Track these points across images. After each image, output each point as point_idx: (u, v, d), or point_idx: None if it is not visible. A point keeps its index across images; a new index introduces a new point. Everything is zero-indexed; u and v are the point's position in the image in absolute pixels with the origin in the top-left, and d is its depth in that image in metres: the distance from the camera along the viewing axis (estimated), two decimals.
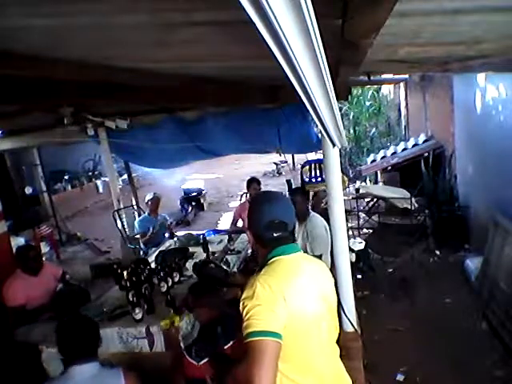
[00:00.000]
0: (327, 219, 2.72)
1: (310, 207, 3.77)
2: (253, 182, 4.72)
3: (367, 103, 11.46)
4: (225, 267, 3.18)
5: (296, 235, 3.52)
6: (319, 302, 1.44)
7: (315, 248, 3.30)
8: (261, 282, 1.33)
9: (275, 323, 1.25)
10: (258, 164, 15.09)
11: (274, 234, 1.45)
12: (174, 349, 2.34)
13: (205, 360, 2.01)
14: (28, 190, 8.22)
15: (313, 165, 7.46)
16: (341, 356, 1.59)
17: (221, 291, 2.32)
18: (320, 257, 3.29)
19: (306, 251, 3.33)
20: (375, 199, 6.79)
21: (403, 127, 10.26)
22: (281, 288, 1.32)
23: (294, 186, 7.88)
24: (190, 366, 2.03)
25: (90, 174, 12.05)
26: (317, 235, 3.32)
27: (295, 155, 11.25)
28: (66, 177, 11.02)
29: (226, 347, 2.03)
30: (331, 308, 1.53)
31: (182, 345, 2.48)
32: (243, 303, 1.31)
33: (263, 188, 5.19)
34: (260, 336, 1.22)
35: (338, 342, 1.59)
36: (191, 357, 2.04)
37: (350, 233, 6.09)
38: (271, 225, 1.45)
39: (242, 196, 7.30)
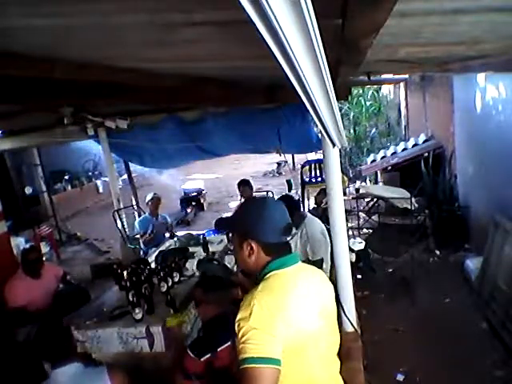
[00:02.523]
0: (327, 219, 2.72)
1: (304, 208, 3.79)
2: (245, 186, 4.74)
3: (367, 103, 11.46)
4: (230, 264, 3.19)
5: (294, 240, 3.54)
6: (319, 316, 1.36)
7: (316, 252, 3.31)
8: (258, 300, 1.23)
9: (273, 348, 1.17)
10: (258, 164, 15.09)
11: (287, 238, 1.38)
12: (178, 348, 2.34)
13: (206, 356, 2.02)
14: (28, 190, 8.22)
15: (313, 165, 7.47)
16: (340, 356, 1.57)
17: (229, 290, 2.32)
18: (322, 261, 3.30)
19: (306, 254, 3.35)
20: (375, 199, 6.79)
21: (403, 127, 10.27)
22: (279, 307, 1.24)
23: (293, 186, 7.89)
24: (191, 362, 2.04)
25: (90, 173, 12.06)
26: (316, 239, 3.33)
27: (295, 155, 11.24)
28: (66, 177, 11.02)
29: (220, 349, 2.03)
30: (331, 321, 1.46)
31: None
32: (239, 324, 1.21)
33: (263, 188, 5.19)
34: (256, 363, 1.14)
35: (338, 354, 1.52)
36: (193, 353, 2.04)
37: (350, 233, 6.09)
38: (286, 228, 1.37)
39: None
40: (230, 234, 1.49)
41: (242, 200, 5.08)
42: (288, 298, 1.29)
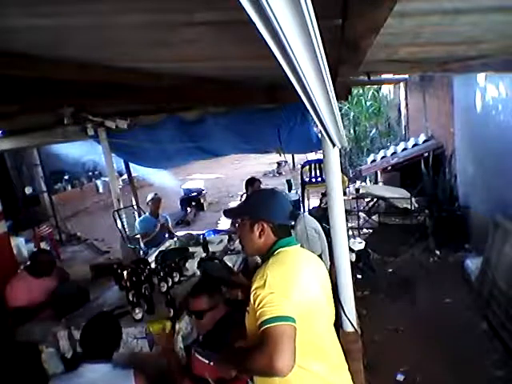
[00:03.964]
0: (327, 219, 2.73)
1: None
2: (255, 182, 4.72)
3: (367, 103, 11.46)
4: (230, 264, 3.18)
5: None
6: (320, 289, 1.52)
7: (312, 248, 3.34)
8: (271, 271, 1.37)
9: (289, 308, 1.27)
10: (258, 164, 15.08)
11: (293, 222, 1.61)
12: (167, 353, 2.30)
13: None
14: (28, 190, 8.23)
15: (313, 165, 7.47)
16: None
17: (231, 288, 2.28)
18: (320, 256, 3.32)
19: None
20: (375, 199, 6.79)
21: (403, 127, 10.26)
22: (291, 276, 1.38)
23: (293, 186, 7.90)
24: (200, 365, 1.98)
25: (90, 173, 12.05)
26: (312, 237, 3.39)
27: (295, 155, 11.24)
28: (66, 177, 11.02)
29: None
30: (329, 295, 1.61)
31: (181, 345, 2.47)
32: (255, 293, 1.32)
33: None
34: (276, 322, 1.24)
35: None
36: (202, 356, 1.99)
37: (350, 233, 6.09)
38: (292, 213, 1.60)
39: (241, 196, 7.29)
40: (239, 220, 1.63)
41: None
42: (297, 269, 1.45)
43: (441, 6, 1.29)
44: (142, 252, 4.93)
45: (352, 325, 2.52)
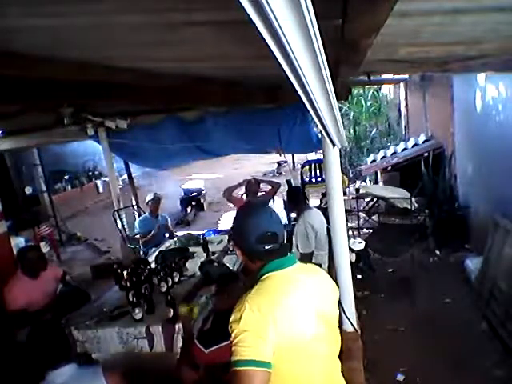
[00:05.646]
0: (327, 219, 2.73)
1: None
2: (254, 183, 4.72)
3: (367, 103, 11.46)
4: (230, 264, 3.20)
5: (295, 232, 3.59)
6: (316, 319, 1.34)
7: (300, 246, 3.40)
8: (249, 303, 1.24)
9: (263, 351, 1.17)
10: (258, 164, 15.10)
11: (266, 247, 1.36)
12: (188, 336, 2.33)
13: (213, 348, 1.98)
14: (28, 190, 8.22)
15: (313, 165, 7.48)
16: (340, 356, 1.56)
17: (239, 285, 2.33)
18: (311, 255, 3.36)
19: (297, 247, 3.42)
20: (375, 199, 6.79)
21: (403, 127, 10.27)
22: (271, 310, 1.24)
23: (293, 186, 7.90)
24: (198, 353, 2.02)
25: (90, 173, 12.06)
26: (300, 234, 3.43)
27: (295, 155, 11.24)
28: (66, 177, 11.03)
29: (225, 343, 2.01)
30: (331, 323, 1.43)
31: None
32: (231, 327, 1.23)
33: (263, 188, 5.18)
34: (246, 366, 1.15)
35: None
36: (201, 343, 2.02)
37: (350, 233, 6.08)
38: (263, 237, 1.36)
39: (241, 196, 7.29)
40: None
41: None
42: (282, 300, 1.29)
43: (441, 5, 1.29)
44: (142, 252, 4.93)
45: (352, 325, 2.52)
